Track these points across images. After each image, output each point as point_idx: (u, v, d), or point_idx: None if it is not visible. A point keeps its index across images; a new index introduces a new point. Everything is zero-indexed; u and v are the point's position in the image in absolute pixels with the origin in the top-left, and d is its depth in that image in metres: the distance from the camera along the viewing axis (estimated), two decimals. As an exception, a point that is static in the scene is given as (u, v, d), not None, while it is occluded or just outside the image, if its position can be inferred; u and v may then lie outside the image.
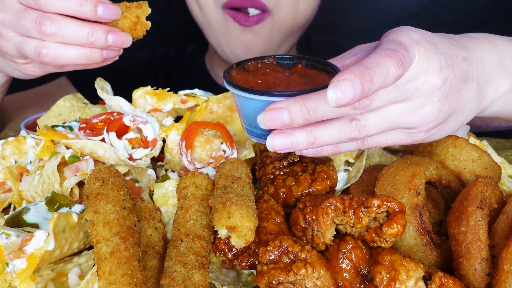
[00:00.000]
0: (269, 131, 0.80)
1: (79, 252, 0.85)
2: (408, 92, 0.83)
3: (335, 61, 0.92)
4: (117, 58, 1.04)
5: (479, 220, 0.76)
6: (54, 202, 0.91)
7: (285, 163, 1.00)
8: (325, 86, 0.74)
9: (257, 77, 0.86)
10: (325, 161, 1.00)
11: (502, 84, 0.94)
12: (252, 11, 1.61)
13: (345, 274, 0.78)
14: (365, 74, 0.72)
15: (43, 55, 0.97)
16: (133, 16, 0.99)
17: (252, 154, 1.04)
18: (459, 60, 0.87)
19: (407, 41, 0.82)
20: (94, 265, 0.76)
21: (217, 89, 1.23)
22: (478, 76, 0.90)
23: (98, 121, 1.08)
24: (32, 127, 1.30)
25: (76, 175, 0.96)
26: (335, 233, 0.82)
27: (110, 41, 0.97)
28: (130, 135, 1.05)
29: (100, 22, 0.97)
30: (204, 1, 1.64)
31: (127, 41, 1.00)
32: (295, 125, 0.77)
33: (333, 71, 0.83)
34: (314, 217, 0.81)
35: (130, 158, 1.03)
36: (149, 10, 1.00)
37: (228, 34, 1.65)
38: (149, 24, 1.01)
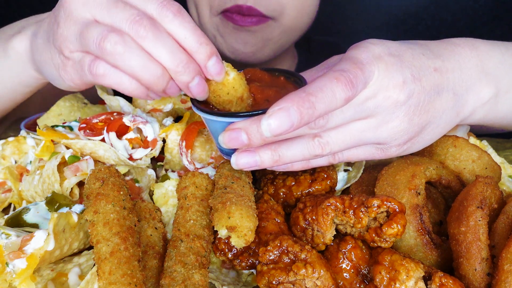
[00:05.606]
0: (236, 149, 0.81)
1: (79, 252, 0.85)
2: (368, 109, 0.81)
3: (308, 73, 0.91)
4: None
5: (479, 220, 0.76)
6: (54, 202, 0.91)
7: (285, 163, 1.01)
8: None
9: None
10: (325, 161, 1.00)
11: (485, 91, 0.92)
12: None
13: (345, 274, 0.78)
14: (305, 101, 0.71)
15: (109, 41, 0.77)
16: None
17: (252, 154, 1.04)
18: (429, 71, 0.85)
19: (365, 57, 0.80)
20: (94, 265, 0.76)
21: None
22: (454, 85, 0.88)
23: (98, 121, 1.08)
24: (32, 127, 1.30)
25: (76, 175, 0.96)
26: (335, 233, 0.82)
27: (194, 83, 0.82)
28: (130, 135, 1.05)
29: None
30: (201, 10, 1.62)
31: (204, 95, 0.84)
32: (254, 145, 0.78)
33: (301, 84, 0.83)
34: (314, 217, 0.81)
35: (130, 158, 1.03)
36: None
37: (223, 31, 1.59)
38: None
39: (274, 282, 0.74)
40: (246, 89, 0.84)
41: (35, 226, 0.89)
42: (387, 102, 0.81)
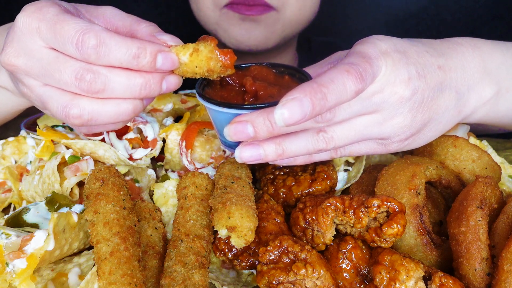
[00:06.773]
0: (240, 142, 0.81)
1: (79, 252, 0.85)
2: (374, 104, 0.82)
3: (312, 69, 0.91)
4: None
5: (479, 220, 0.76)
6: (54, 202, 0.91)
7: (285, 163, 1.00)
8: None
9: (229, 86, 0.86)
10: (325, 161, 1.00)
11: (486, 90, 0.92)
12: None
13: (345, 274, 0.78)
14: (317, 91, 0.71)
15: (73, 117, 0.77)
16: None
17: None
18: (433, 69, 0.86)
19: (373, 53, 0.80)
20: (94, 265, 0.76)
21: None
22: (457, 83, 0.89)
23: (98, 121, 1.08)
24: (32, 127, 1.30)
25: (76, 175, 0.96)
26: (335, 233, 0.82)
27: (165, 87, 0.80)
28: (130, 135, 1.05)
29: None
30: (202, 4, 1.62)
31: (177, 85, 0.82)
32: (259, 138, 0.77)
33: (306, 80, 0.83)
34: (314, 217, 0.81)
35: (130, 158, 1.03)
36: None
37: (227, 24, 1.60)
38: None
39: (274, 282, 0.74)
40: (210, 58, 0.80)
41: (35, 226, 0.89)
42: (393, 97, 0.82)
